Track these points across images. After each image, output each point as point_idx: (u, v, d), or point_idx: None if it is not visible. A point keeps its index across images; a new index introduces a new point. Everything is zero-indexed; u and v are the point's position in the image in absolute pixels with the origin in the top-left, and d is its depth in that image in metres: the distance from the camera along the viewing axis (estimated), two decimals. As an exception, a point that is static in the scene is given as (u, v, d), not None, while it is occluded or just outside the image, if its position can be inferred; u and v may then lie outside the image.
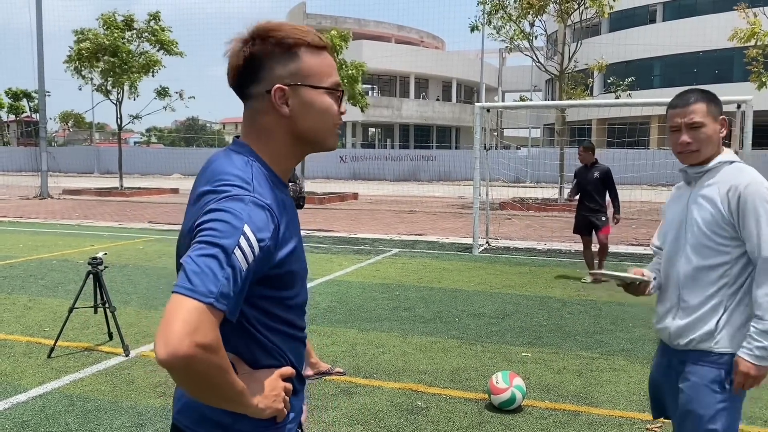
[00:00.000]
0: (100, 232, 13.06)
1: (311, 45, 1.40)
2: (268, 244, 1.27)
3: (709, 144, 2.25)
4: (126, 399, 4.22)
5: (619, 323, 6.20)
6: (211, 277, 1.17)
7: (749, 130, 9.30)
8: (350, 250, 10.77)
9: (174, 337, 1.13)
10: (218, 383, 1.21)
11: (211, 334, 1.16)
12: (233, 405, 1.29)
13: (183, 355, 1.13)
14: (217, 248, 1.19)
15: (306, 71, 1.39)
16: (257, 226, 1.25)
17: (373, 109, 46.48)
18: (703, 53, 37.58)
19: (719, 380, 2.21)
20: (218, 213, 1.24)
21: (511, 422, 3.91)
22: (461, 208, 19.89)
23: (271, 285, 1.36)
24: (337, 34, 21.59)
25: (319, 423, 3.87)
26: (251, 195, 1.29)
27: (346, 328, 5.96)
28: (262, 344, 1.39)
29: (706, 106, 2.24)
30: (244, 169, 1.35)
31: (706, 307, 2.22)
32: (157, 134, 76.76)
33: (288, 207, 1.42)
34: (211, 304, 1.16)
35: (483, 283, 8.16)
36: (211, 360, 1.17)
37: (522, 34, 19.92)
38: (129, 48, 22.72)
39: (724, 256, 2.19)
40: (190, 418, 1.39)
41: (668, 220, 2.42)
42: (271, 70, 1.37)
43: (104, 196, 23.52)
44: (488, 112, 11.91)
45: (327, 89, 1.41)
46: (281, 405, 1.37)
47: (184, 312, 1.15)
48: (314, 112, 1.40)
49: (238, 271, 1.20)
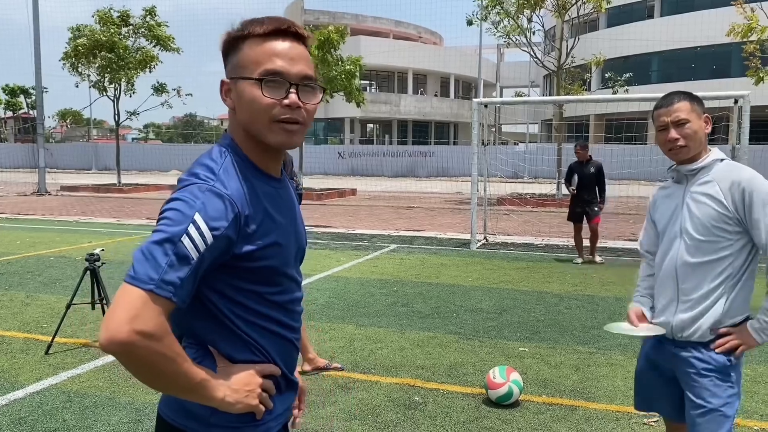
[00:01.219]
0: (98, 229, 13.05)
1: (257, 35, 1.34)
2: (226, 233, 1.26)
3: (696, 140, 2.34)
4: (124, 395, 4.22)
5: (615, 318, 6.21)
6: (153, 264, 1.18)
7: (746, 126, 9.32)
8: (348, 245, 10.77)
9: (113, 324, 1.15)
10: (165, 371, 1.21)
11: (152, 321, 1.17)
12: (192, 395, 1.28)
13: (120, 341, 1.14)
14: (164, 235, 1.21)
15: (241, 63, 1.36)
16: (210, 215, 1.24)
17: (371, 105, 46.37)
18: (700, 48, 37.54)
19: (726, 367, 2.30)
20: (173, 202, 1.26)
21: (508, 417, 3.92)
22: (459, 203, 19.90)
23: (247, 279, 1.35)
24: (334, 29, 21.54)
25: (316, 418, 3.88)
26: (210, 184, 1.29)
27: (344, 324, 5.96)
28: (240, 338, 1.38)
29: (690, 104, 2.35)
30: (217, 159, 1.35)
31: (711, 299, 2.30)
32: (155, 130, 76.65)
33: (272, 201, 1.39)
34: (151, 291, 1.17)
35: (481, 278, 8.17)
36: (152, 347, 1.17)
37: (519, 30, 19.90)
38: (125, 44, 22.66)
39: (727, 249, 2.27)
40: (172, 408, 1.40)
41: (659, 218, 2.48)
42: (226, 64, 1.40)
43: (102, 192, 23.50)
44: (486, 108, 11.91)
45: (255, 79, 1.32)
46: (255, 401, 1.35)
47: (125, 299, 1.17)
48: (244, 105, 1.36)
49: (185, 258, 1.20)
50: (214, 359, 1.37)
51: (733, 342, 2.28)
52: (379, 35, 53.02)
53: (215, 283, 1.33)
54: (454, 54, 54.65)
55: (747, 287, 2.31)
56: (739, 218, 2.24)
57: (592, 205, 9.21)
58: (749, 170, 2.28)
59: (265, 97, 1.32)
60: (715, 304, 2.29)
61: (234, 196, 1.29)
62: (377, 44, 48.63)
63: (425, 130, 53.62)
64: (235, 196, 1.29)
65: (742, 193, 2.22)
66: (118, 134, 25.82)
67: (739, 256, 2.27)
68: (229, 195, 1.29)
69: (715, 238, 2.27)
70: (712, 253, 2.28)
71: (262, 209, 1.35)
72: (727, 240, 2.26)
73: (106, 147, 41.92)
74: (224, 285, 1.34)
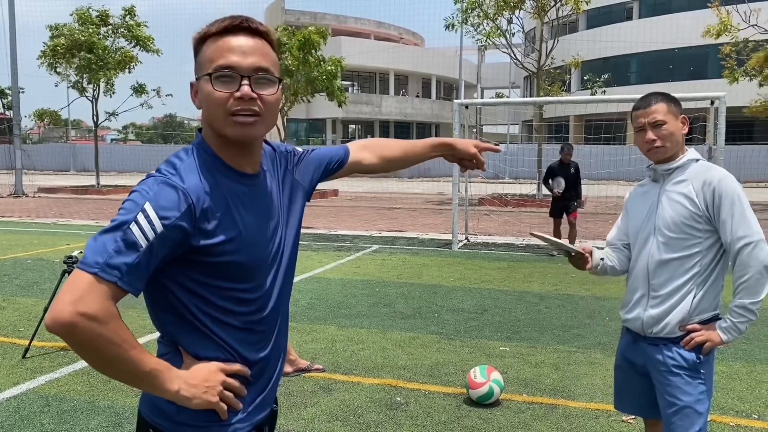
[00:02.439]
0: (77, 231, 12.90)
1: (213, 34, 1.37)
2: (177, 224, 1.27)
3: (673, 140, 2.39)
4: (103, 399, 4.18)
5: (595, 317, 6.28)
6: (100, 249, 1.22)
7: (722, 126, 9.46)
8: (330, 246, 10.75)
9: (58, 305, 1.18)
10: (109, 355, 1.23)
11: (96, 304, 1.19)
12: (144, 384, 1.30)
13: (63, 321, 1.17)
14: (114, 223, 1.25)
15: (200, 62, 1.39)
16: (161, 205, 1.26)
17: (353, 106, 46.35)
18: (678, 50, 38.05)
19: (696, 364, 2.34)
20: (131, 194, 1.30)
21: (489, 416, 3.95)
22: (441, 204, 19.96)
23: (210, 274, 1.35)
24: (315, 30, 21.51)
25: (298, 420, 3.88)
26: (167, 177, 1.31)
27: (325, 325, 5.96)
28: (208, 337, 1.38)
29: (667, 106, 2.39)
30: (183, 157, 1.38)
31: (679, 295, 2.35)
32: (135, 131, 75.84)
33: (243, 198, 1.40)
34: (95, 274, 1.20)
35: (462, 278, 8.21)
36: (95, 330, 1.19)
37: (498, 32, 20.02)
38: (104, 44, 22.41)
39: (697, 246, 2.32)
40: (146, 405, 1.42)
41: (634, 214, 2.54)
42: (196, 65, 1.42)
43: (81, 194, 23.21)
44: (467, 109, 11.96)
45: (208, 75, 1.35)
46: (215, 399, 1.35)
47: (72, 282, 1.20)
48: (203, 102, 1.39)
49: (134, 245, 1.23)
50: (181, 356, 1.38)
51: (700, 338, 2.32)
52: (361, 36, 52.99)
53: (177, 276, 1.35)
54: (435, 55, 54.81)
55: (715, 285, 2.36)
56: (708, 217, 2.30)
57: (572, 202, 10.03)
58: (721, 171, 2.33)
59: (217, 91, 1.34)
60: (683, 300, 2.34)
61: (189, 189, 1.31)
62: (359, 45, 48.61)
63: (407, 130, 53.70)
64: (190, 189, 1.31)
65: (712, 192, 2.27)
66: (97, 135, 25.53)
67: (708, 253, 2.33)
68: (184, 187, 1.30)
69: (685, 236, 2.32)
70: (682, 250, 2.33)
71: (223, 205, 1.36)
72: (696, 238, 2.32)
73: (85, 148, 41.43)
74: (186, 278, 1.35)
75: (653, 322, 2.39)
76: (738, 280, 2.27)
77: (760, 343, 5.42)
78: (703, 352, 2.33)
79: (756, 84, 18.59)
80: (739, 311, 2.27)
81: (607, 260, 2.61)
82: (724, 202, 2.26)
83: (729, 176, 2.31)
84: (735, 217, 2.25)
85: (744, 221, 2.24)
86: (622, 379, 2.63)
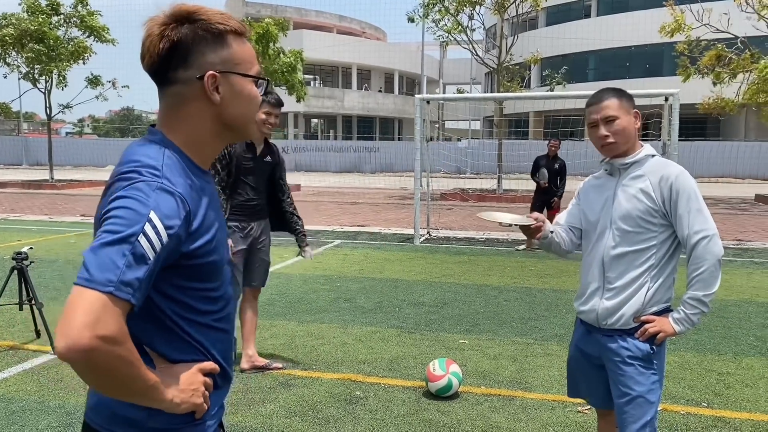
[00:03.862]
0: (29, 226, 12.52)
1: (236, 32, 1.37)
2: (178, 232, 1.23)
3: (625, 135, 2.42)
4: (53, 398, 4.06)
5: (552, 309, 6.38)
6: (110, 265, 1.13)
7: (676, 122, 9.70)
8: (291, 242, 10.64)
9: (73, 330, 1.09)
10: (124, 376, 1.17)
11: (114, 325, 1.12)
12: (144, 399, 1.25)
13: (83, 347, 1.09)
14: (118, 236, 1.16)
15: (236, 59, 1.37)
16: (165, 213, 1.21)
17: (315, 100, 46.10)
18: (635, 48, 38.90)
19: (650, 355, 2.39)
20: (123, 200, 1.21)
21: (447, 408, 3.98)
22: (403, 199, 20.01)
23: (191, 277, 1.32)
24: (272, 21, 21.20)
25: (256, 416, 3.84)
26: (159, 181, 1.25)
27: (285, 321, 5.91)
28: (181, 338, 1.35)
29: (618, 101, 2.42)
30: (155, 156, 1.31)
31: (633, 287, 2.39)
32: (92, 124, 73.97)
33: (208, 195, 1.39)
34: (110, 293, 1.12)
35: (423, 272, 8.25)
36: (114, 352, 1.13)
37: (459, 28, 20.13)
38: (56, 34, 21.73)
39: (652, 240, 2.36)
40: (102, 415, 1.35)
41: (588, 206, 2.56)
42: (203, 55, 1.33)
43: (33, 188, 22.53)
44: (428, 104, 12.00)
45: (253, 77, 1.39)
46: (199, 400, 1.34)
47: (84, 303, 1.11)
48: (243, 100, 1.38)
49: (142, 258, 1.16)
50: (152, 360, 1.33)
51: (653, 329, 2.36)
52: (323, 30, 52.68)
53: (158, 283, 1.28)
54: (397, 50, 54.85)
55: (668, 277, 2.41)
56: (665, 212, 2.34)
57: (553, 197, 10.02)
58: (678, 167, 2.38)
59: (261, 96, 1.43)
60: (637, 293, 2.38)
61: (183, 193, 1.27)
62: (321, 39, 48.36)
63: (370, 125, 53.69)
64: (184, 193, 1.27)
65: (669, 188, 2.32)
66: (50, 128, 24.78)
67: (662, 247, 2.37)
68: (180, 192, 1.26)
69: (640, 230, 2.36)
70: (638, 243, 2.37)
71: (203, 204, 1.34)
72: (652, 232, 2.36)
73: (38, 141, 40.18)
74: (167, 285, 1.30)
75: (608, 314, 2.42)
76: (693, 273, 2.31)
77: (710, 334, 5.59)
78: (656, 343, 2.38)
79: (709, 82, 19.12)
80: (693, 303, 2.31)
81: (555, 235, 2.60)
82: (681, 197, 2.30)
83: (685, 172, 2.36)
84: (692, 212, 2.29)
85: (700, 216, 2.30)
86: (576, 370, 2.68)
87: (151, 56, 1.33)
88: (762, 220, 15.17)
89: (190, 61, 1.32)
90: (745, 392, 4.29)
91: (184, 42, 1.31)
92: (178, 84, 1.34)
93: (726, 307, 6.49)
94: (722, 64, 18.52)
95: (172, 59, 1.32)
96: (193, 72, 1.33)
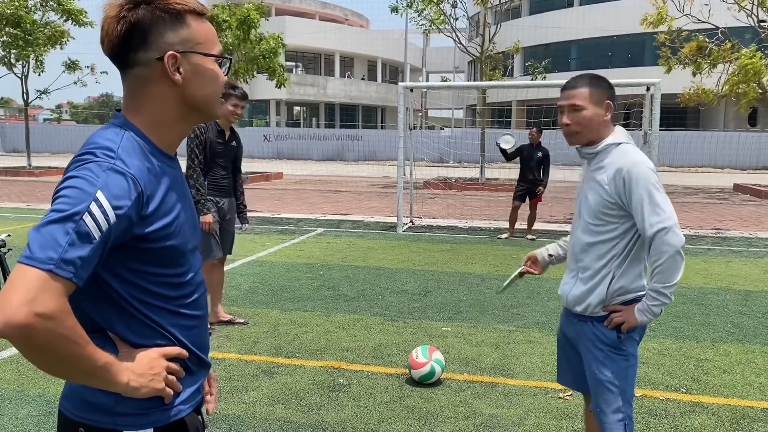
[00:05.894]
0: (6, 214, 12.33)
1: (195, 11, 1.36)
2: (128, 213, 1.22)
3: (589, 126, 2.40)
4: (33, 387, 4.02)
5: (534, 297, 6.43)
6: (52, 243, 1.13)
7: (657, 112, 9.78)
8: (274, 230, 10.63)
9: (10, 306, 1.09)
10: (65, 355, 1.16)
11: (53, 302, 1.12)
12: (95, 380, 1.24)
13: (18, 323, 1.09)
14: (63, 214, 1.16)
15: (196, 38, 1.35)
16: (113, 193, 1.20)
17: (297, 87, 45.78)
18: (617, 37, 39.06)
19: (617, 341, 2.42)
20: (72, 180, 1.21)
21: (430, 395, 4.00)
22: (386, 187, 20.01)
23: (150, 261, 1.31)
24: (252, 6, 20.93)
25: (239, 404, 3.83)
26: (111, 162, 1.24)
27: (268, 309, 5.89)
28: (142, 323, 1.34)
29: (589, 91, 2.38)
30: (113, 138, 1.30)
31: (597, 278, 2.42)
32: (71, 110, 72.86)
33: (170, 179, 1.37)
34: (50, 271, 1.12)
35: (406, 260, 8.26)
36: (53, 329, 1.12)
37: (442, 17, 20.07)
38: (33, 18, 21.30)
39: (613, 232, 2.38)
40: (73, 402, 1.35)
41: (576, 194, 2.60)
42: (161, 36, 1.32)
43: (11, 176, 22.17)
44: (412, 92, 11.97)
45: (215, 56, 1.39)
46: (160, 385, 1.32)
47: (23, 280, 1.11)
48: (206, 80, 1.38)
49: (87, 237, 1.16)
50: (115, 345, 1.32)
51: (618, 319, 2.39)
52: (305, 16, 52.20)
53: (113, 266, 1.28)
54: (380, 38, 54.55)
55: (635, 267, 2.41)
56: (621, 203, 2.33)
57: (536, 186, 10.03)
58: (634, 157, 2.33)
59: (223, 75, 1.42)
60: (601, 284, 2.41)
61: (136, 175, 1.25)
62: (303, 25, 47.89)
63: (353, 113, 53.43)
64: (137, 175, 1.26)
65: (623, 179, 2.30)
66: (28, 114, 24.37)
67: (623, 238, 2.38)
68: (132, 173, 1.25)
69: (600, 222, 2.39)
70: (600, 234, 2.40)
71: (161, 188, 1.32)
72: (612, 224, 2.37)
73: (15, 127, 39.48)
74: (122, 268, 1.29)
75: (575, 302, 2.48)
76: (652, 264, 2.31)
77: (689, 320, 5.67)
78: (622, 332, 2.41)
79: (690, 72, 19.27)
80: (653, 295, 2.31)
81: (559, 249, 2.71)
82: (635, 188, 2.27)
83: (641, 162, 2.31)
84: (646, 203, 2.26)
85: (656, 207, 2.26)
86: (562, 354, 2.71)
87: (110, 39, 1.31)
88: (740, 209, 15.40)
89: (149, 42, 1.31)
90: (722, 378, 4.36)
91: (142, 23, 1.30)
92: (139, 66, 1.33)
93: (704, 295, 6.59)
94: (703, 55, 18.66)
95: (132, 41, 1.31)
96: (152, 53, 1.31)
